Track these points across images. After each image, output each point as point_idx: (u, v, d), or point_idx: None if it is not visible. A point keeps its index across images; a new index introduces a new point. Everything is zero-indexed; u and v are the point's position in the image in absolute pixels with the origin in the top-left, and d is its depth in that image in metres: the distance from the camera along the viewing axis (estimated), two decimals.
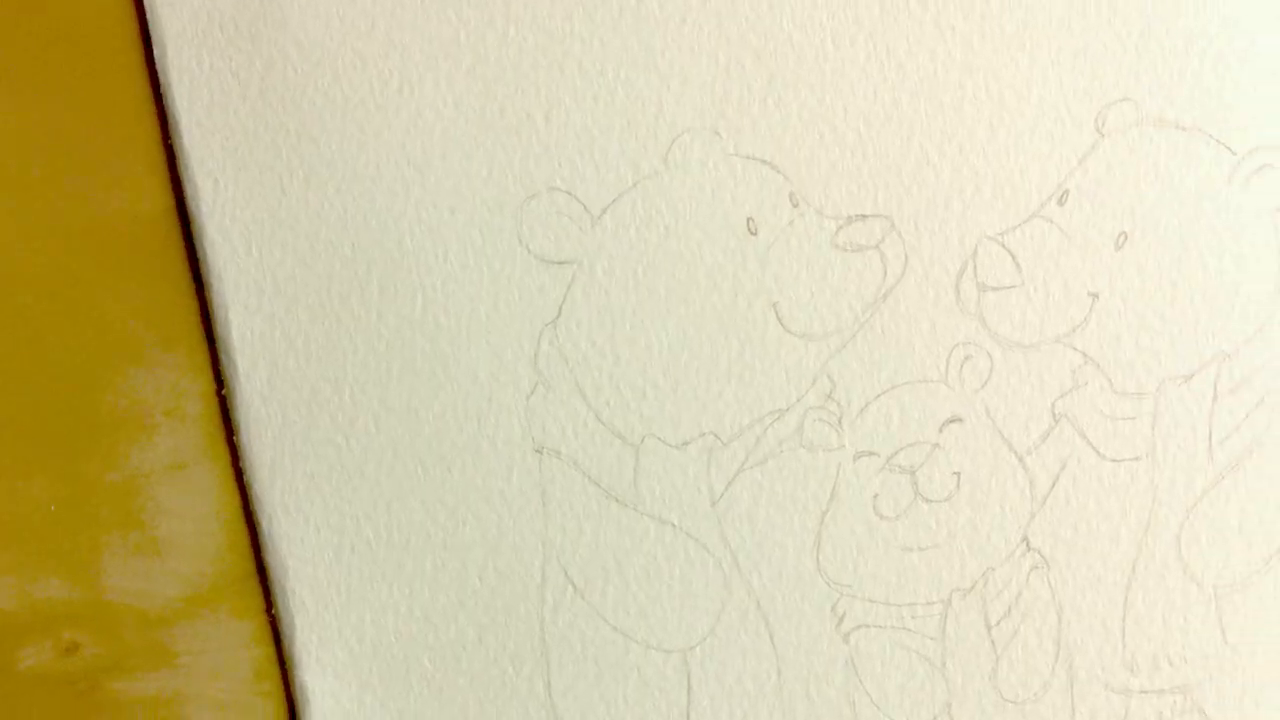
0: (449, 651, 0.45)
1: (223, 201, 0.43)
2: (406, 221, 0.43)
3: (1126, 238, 0.44)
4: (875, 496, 0.45)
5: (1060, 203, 0.44)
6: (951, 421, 0.45)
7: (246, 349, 0.43)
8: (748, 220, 0.44)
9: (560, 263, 0.43)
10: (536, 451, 0.44)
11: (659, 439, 0.44)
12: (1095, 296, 0.44)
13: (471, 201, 0.43)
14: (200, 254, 0.43)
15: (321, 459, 0.44)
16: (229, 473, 0.44)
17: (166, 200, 0.43)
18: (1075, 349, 0.45)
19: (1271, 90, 0.44)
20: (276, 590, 0.44)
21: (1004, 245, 0.44)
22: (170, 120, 0.43)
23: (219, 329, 0.43)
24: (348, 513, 0.44)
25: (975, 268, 0.44)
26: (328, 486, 0.44)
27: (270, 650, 0.45)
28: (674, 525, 0.45)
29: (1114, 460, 0.45)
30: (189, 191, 0.43)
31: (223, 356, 0.43)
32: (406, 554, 0.44)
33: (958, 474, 0.45)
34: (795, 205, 0.44)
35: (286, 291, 0.43)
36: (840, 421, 0.45)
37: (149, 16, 0.42)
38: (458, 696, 0.45)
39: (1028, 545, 0.46)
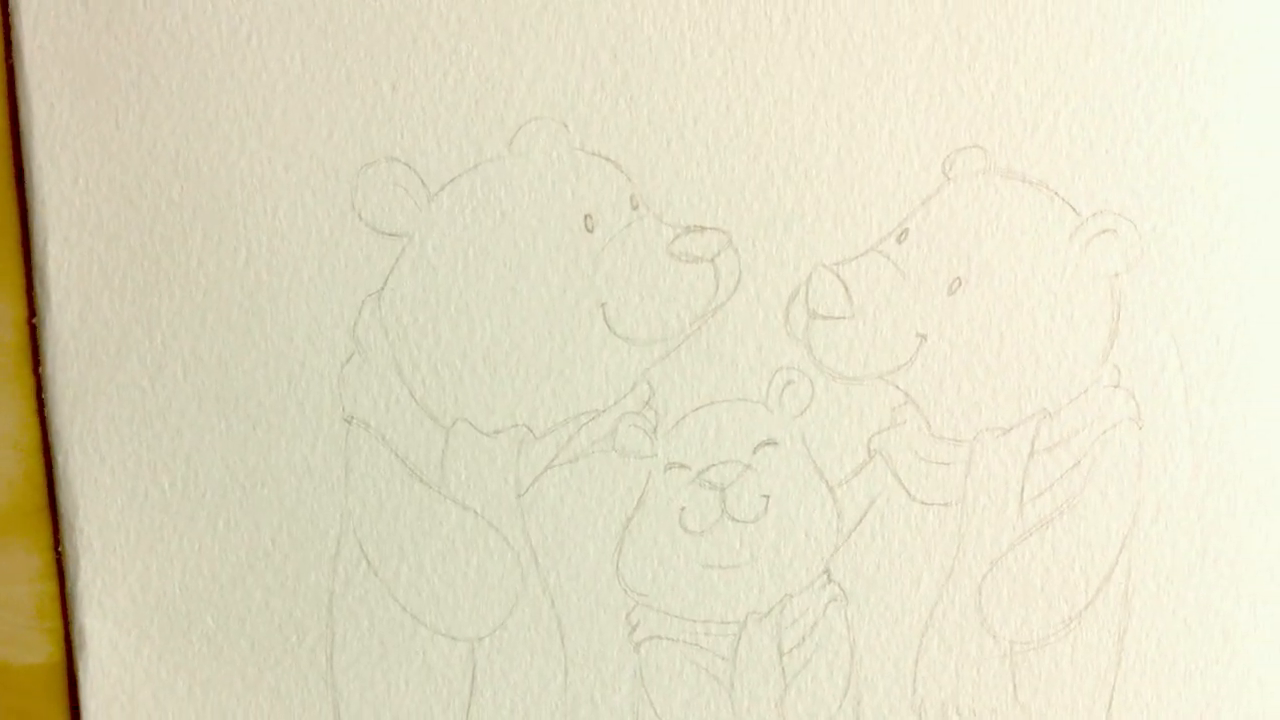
0: (233, 612, 0.44)
1: (56, 129, 0.42)
2: (239, 173, 0.42)
3: (961, 283, 0.44)
4: (682, 510, 0.45)
5: (899, 240, 0.44)
6: (766, 444, 0.44)
7: (62, 280, 0.42)
8: (585, 217, 0.43)
9: (391, 234, 0.43)
10: (345, 421, 0.44)
11: (470, 424, 0.44)
12: (923, 338, 0.44)
13: (308, 161, 0.42)
14: (26, 179, 0.42)
15: (125, 401, 0.43)
16: (32, 403, 0.43)
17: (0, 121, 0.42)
18: (897, 387, 0.45)
19: (1123, 155, 0.44)
20: (65, 528, 0.44)
21: (838, 275, 0.44)
22: (14, 41, 0.42)
23: (36, 257, 0.43)
24: (145, 459, 0.43)
25: (807, 294, 0.44)
26: (128, 430, 0.43)
27: (55, 588, 0.45)
28: (476, 513, 0.44)
29: (924, 503, 0.45)
30: (23, 115, 0.42)
31: (37, 285, 0.43)
32: (200, 508, 0.44)
33: (767, 497, 0.45)
34: (635, 208, 0.43)
35: (109, 228, 0.42)
36: (655, 430, 0.44)
37: None
38: (237, 658, 0.45)
39: (829, 577, 0.45)
